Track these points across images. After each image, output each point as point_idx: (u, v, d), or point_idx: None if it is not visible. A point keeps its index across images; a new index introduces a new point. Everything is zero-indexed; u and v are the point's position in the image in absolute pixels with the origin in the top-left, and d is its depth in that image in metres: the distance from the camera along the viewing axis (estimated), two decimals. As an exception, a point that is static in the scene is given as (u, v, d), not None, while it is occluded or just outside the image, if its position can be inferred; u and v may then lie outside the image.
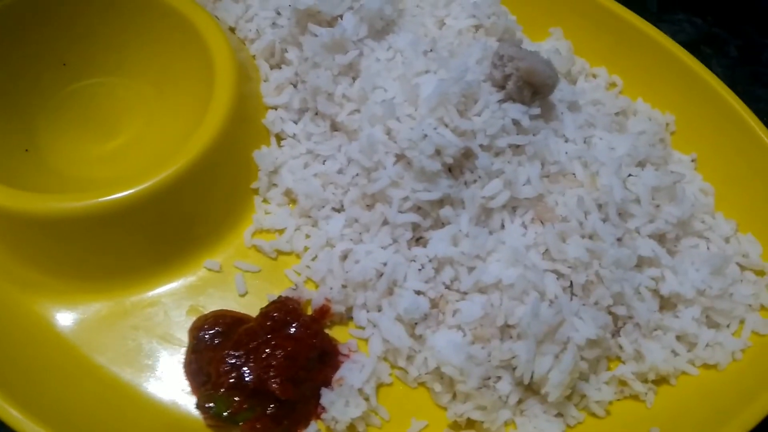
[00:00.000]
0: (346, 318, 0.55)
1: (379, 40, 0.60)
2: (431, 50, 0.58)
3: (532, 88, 0.54)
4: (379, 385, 0.52)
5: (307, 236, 0.57)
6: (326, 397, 0.49)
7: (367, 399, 0.50)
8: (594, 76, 0.68)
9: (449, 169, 0.54)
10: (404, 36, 0.60)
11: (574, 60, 0.66)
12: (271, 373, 0.48)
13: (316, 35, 0.59)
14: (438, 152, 0.52)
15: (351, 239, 0.56)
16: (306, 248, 0.57)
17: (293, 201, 0.59)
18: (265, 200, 0.60)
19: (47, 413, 0.46)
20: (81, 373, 0.51)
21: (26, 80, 0.60)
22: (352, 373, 0.51)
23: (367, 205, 0.56)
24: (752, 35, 0.78)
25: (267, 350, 0.49)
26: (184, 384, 0.51)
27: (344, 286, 0.53)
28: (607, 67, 0.68)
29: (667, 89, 0.65)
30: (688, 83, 0.64)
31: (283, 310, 0.52)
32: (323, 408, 0.50)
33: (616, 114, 0.63)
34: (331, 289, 0.53)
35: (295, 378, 0.49)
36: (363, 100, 0.57)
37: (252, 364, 0.49)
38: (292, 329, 0.51)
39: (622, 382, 0.52)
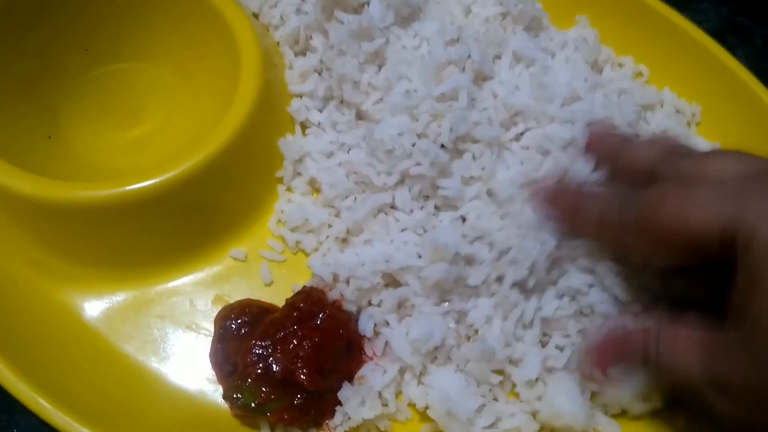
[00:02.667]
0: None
1: (405, 28, 0.59)
2: (458, 39, 0.58)
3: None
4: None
5: (329, 226, 0.57)
6: (344, 391, 0.49)
7: (386, 404, 0.50)
8: (620, 65, 0.67)
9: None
10: (430, 23, 0.59)
11: (600, 49, 0.65)
12: (299, 364, 0.48)
13: (342, 22, 0.58)
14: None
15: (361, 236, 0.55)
16: (320, 242, 0.57)
17: (317, 190, 0.59)
18: (289, 189, 0.59)
19: (73, 401, 0.46)
20: (107, 362, 0.51)
21: (48, 66, 0.59)
22: (374, 375, 0.50)
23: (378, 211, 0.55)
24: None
25: (294, 341, 0.49)
26: (210, 374, 0.51)
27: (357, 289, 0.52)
28: (633, 56, 0.67)
29: (694, 79, 0.65)
30: (715, 73, 0.64)
31: (309, 300, 0.52)
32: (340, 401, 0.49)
33: (643, 107, 0.63)
34: (348, 284, 0.53)
35: (322, 369, 0.49)
36: (388, 89, 0.57)
37: (279, 355, 0.48)
38: (319, 320, 0.51)
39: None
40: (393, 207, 0.55)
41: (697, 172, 0.43)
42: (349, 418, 0.49)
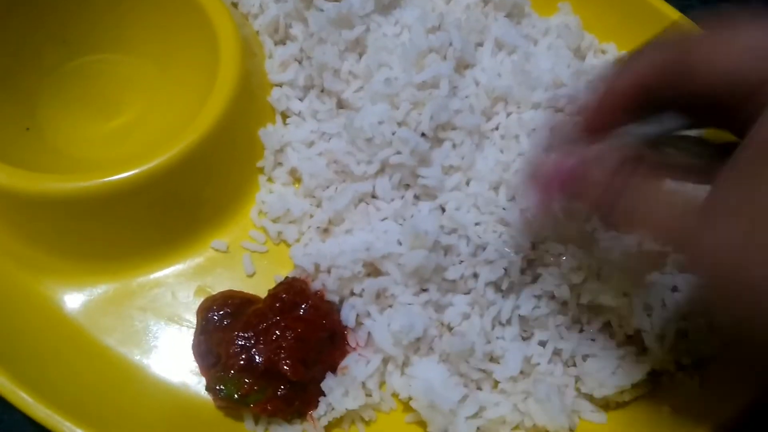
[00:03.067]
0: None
1: (386, 15, 0.59)
2: (439, 26, 0.57)
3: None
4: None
5: (311, 216, 0.56)
6: (328, 382, 0.49)
7: (369, 395, 0.50)
8: (603, 52, 0.67)
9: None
10: (411, 11, 0.59)
11: (583, 35, 0.65)
12: (282, 355, 0.48)
13: (322, 10, 0.57)
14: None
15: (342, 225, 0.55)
16: (301, 233, 0.56)
17: (298, 180, 0.58)
18: (270, 179, 0.59)
19: (55, 395, 0.45)
20: (89, 354, 0.50)
21: (25, 57, 0.58)
22: (357, 365, 0.50)
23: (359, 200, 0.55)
24: (760, 9, 0.77)
25: (277, 332, 0.49)
26: (193, 365, 0.51)
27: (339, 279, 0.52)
28: (616, 42, 0.67)
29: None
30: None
31: (291, 291, 0.51)
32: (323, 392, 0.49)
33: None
34: (329, 274, 0.52)
35: (305, 359, 0.48)
36: (368, 78, 0.56)
37: (262, 346, 0.48)
38: (301, 310, 0.51)
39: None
40: (374, 196, 0.55)
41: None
42: (333, 409, 0.49)
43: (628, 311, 0.49)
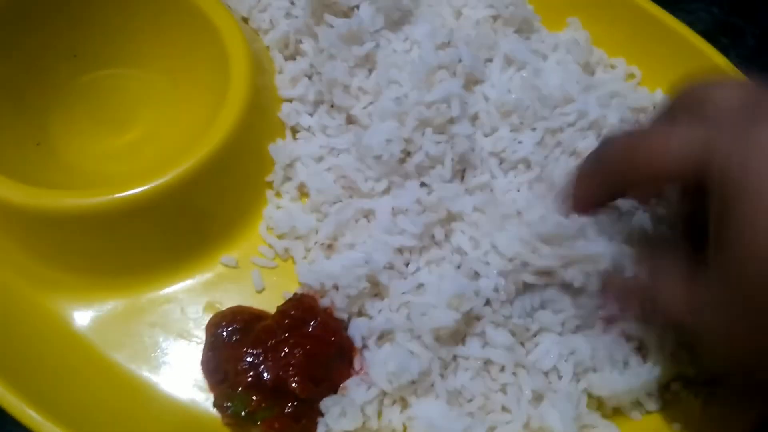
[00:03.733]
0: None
1: (395, 31, 0.59)
2: (449, 42, 0.57)
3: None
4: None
5: (317, 232, 0.56)
6: (326, 401, 0.48)
7: (367, 420, 0.49)
8: (612, 66, 0.67)
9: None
10: (421, 27, 0.59)
11: (592, 50, 0.65)
12: (291, 372, 0.48)
13: (332, 26, 0.57)
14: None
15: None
16: (308, 249, 0.56)
17: (306, 195, 0.58)
18: (278, 194, 0.59)
19: (64, 412, 0.45)
20: (97, 370, 0.50)
21: (36, 72, 0.59)
22: (358, 389, 0.49)
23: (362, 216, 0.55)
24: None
25: (286, 349, 0.48)
26: (202, 382, 0.51)
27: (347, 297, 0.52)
28: (625, 57, 0.67)
29: (685, 80, 0.64)
30: (707, 74, 0.64)
31: (300, 307, 0.51)
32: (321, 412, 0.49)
33: (635, 109, 0.62)
34: (337, 291, 0.52)
35: (314, 376, 0.48)
36: (378, 94, 0.56)
37: (270, 363, 0.48)
38: (310, 327, 0.50)
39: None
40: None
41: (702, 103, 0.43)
42: (330, 430, 0.48)
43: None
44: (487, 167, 0.56)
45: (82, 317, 0.52)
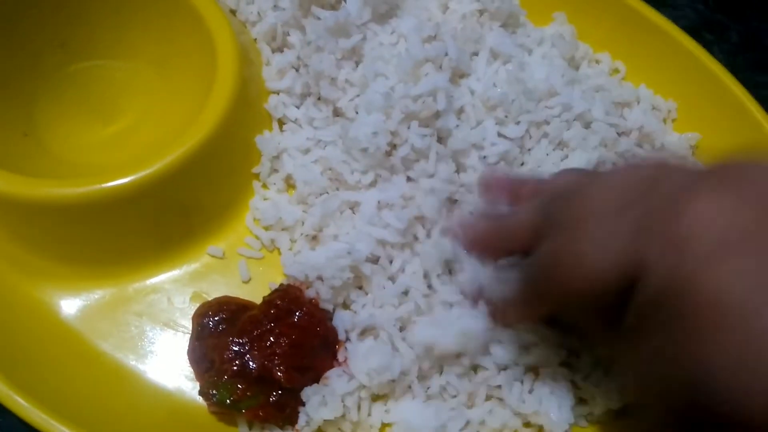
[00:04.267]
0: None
1: (382, 24, 0.60)
2: (435, 36, 0.58)
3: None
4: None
5: (302, 223, 0.56)
6: (307, 390, 0.49)
7: (347, 411, 0.49)
8: (597, 61, 0.67)
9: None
10: (408, 20, 0.59)
11: (577, 45, 0.66)
12: (276, 361, 0.48)
13: (319, 18, 0.58)
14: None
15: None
16: (293, 240, 0.56)
17: (292, 187, 0.59)
18: (264, 185, 0.59)
19: (51, 399, 0.45)
20: (85, 359, 0.51)
21: (23, 62, 0.59)
22: (339, 380, 0.49)
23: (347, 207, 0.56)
24: (753, 21, 0.78)
25: (271, 338, 0.49)
26: (189, 371, 0.51)
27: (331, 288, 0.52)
28: (610, 52, 0.68)
29: (670, 75, 0.65)
30: (691, 70, 0.64)
31: (286, 298, 0.52)
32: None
33: (618, 104, 0.63)
34: (322, 282, 0.52)
35: (299, 366, 0.49)
36: (364, 86, 0.57)
37: (256, 352, 0.49)
38: (296, 317, 0.51)
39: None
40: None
41: (573, 212, 0.38)
42: (311, 419, 0.48)
43: None
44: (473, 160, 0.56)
45: (69, 306, 0.52)
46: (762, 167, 0.32)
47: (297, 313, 0.51)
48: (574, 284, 0.37)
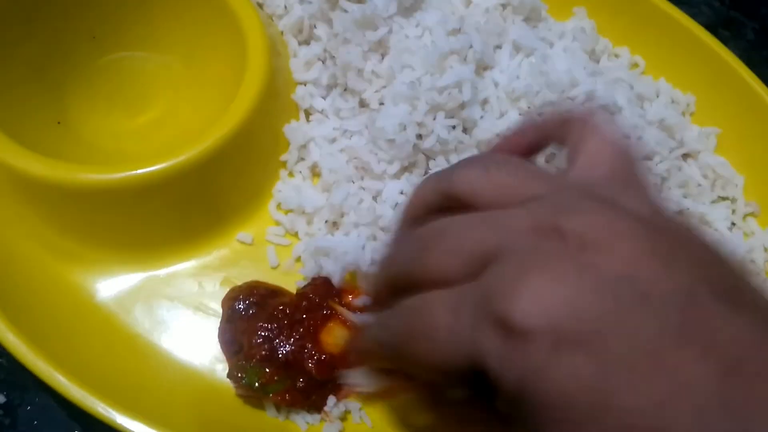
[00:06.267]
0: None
1: (408, 17, 0.61)
2: (459, 29, 0.59)
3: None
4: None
5: (323, 210, 0.57)
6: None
7: None
8: (616, 55, 0.68)
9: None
10: (432, 14, 0.60)
11: (597, 39, 0.67)
12: (306, 353, 0.49)
13: (346, 11, 0.59)
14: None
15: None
16: (317, 228, 0.57)
17: (317, 175, 0.60)
18: (290, 173, 0.60)
19: (89, 378, 0.47)
20: (119, 340, 0.52)
21: (57, 53, 0.60)
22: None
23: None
24: (768, 18, 0.79)
25: (301, 329, 0.50)
26: (219, 353, 0.52)
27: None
28: (629, 47, 0.69)
29: (688, 69, 0.66)
30: (709, 64, 0.65)
31: (318, 292, 0.53)
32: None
33: (638, 98, 0.64)
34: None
35: (330, 360, 0.50)
36: (391, 78, 0.58)
37: (286, 340, 0.50)
38: (327, 311, 0.52)
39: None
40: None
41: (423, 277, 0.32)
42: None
43: None
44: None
45: (105, 289, 0.54)
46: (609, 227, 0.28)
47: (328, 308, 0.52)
48: (423, 359, 0.31)
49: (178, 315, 0.54)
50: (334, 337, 0.50)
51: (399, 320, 0.33)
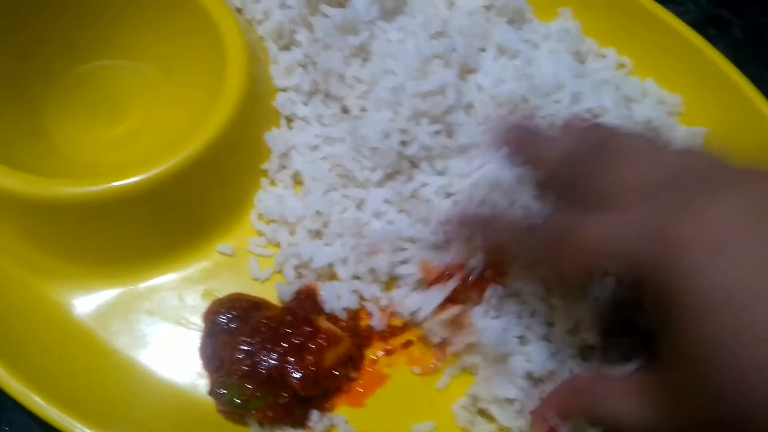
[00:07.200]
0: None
1: (390, 21, 0.60)
2: (442, 32, 0.58)
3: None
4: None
5: (305, 218, 0.56)
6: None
7: None
8: (603, 56, 0.67)
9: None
10: (415, 17, 0.60)
11: (583, 40, 0.66)
12: (290, 368, 0.48)
13: (327, 16, 0.58)
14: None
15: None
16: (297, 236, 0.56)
17: (299, 183, 0.59)
18: (272, 182, 0.59)
19: (67, 397, 0.46)
20: (98, 357, 0.51)
21: (31, 63, 0.59)
22: None
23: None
24: (756, 16, 0.79)
25: (285, 344, 0.49)
26: (200, 368, 0.51)
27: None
28: (615, 47, 0.68)
29: (675, 69, 0.66)
30: (696, 63, 0.64)
31: (304, 306, 0.52)
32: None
33: (624, 99, 0.63)
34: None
35: (315, 377, 0.49)
36: (373, 83, 0.57)
37: (268, 354, 0.49)
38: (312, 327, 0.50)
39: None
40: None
41: (609, 184, 0.40)
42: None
43: None
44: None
45: (82, 305, 0.52)
46: None
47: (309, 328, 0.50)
48: (577, 255, 0.39)
49: (158, 330, 0.52)
50: (331, 354, 0.50)
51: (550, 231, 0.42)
